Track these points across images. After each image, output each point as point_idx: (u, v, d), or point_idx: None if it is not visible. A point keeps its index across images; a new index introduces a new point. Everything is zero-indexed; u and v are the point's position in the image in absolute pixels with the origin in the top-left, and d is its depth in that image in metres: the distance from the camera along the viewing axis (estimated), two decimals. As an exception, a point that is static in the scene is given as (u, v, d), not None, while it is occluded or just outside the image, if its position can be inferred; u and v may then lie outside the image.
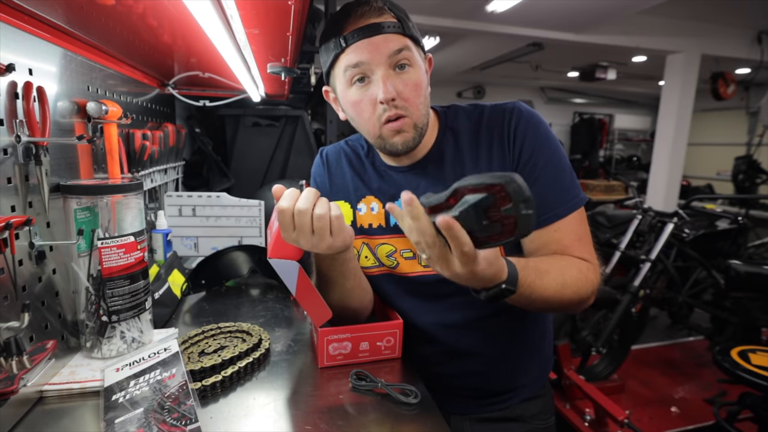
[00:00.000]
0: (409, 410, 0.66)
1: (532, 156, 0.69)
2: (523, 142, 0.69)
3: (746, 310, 2.31)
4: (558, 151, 0.70)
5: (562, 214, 0.68)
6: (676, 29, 3.87)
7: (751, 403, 1.68)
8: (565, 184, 0.69)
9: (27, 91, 0.64)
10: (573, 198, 0.69)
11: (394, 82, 0.65)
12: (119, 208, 0.73)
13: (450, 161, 0.74)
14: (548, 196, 0.68)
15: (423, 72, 0.69)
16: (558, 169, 0.69)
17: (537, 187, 0.66)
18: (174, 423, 0.55)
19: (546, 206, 0.68)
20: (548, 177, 0.68)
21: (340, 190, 0.83)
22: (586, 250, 0.69)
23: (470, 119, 0.75)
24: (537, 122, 0.71)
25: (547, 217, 0.68)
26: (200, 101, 1.63)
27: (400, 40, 0.65)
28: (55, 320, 0.72)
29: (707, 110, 6.91)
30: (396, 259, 0.78)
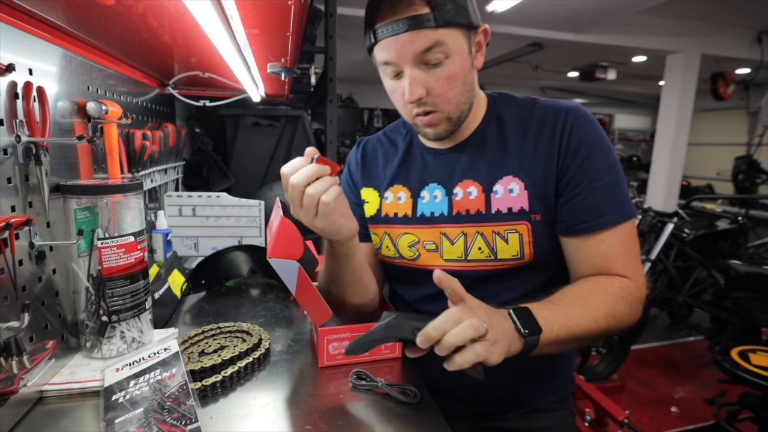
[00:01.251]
0: (409, 410, 0.66)
1: (587, 159, 0.65)
2: (579, 143, 0.66)
3: (746, 310, 2.31)
4: (613, 158, 0.67)
5: (614, 221, 0.65)
6: (676, 29, 3.87)
7: (751, 403, 1.68)
8: (618, 192, 0.65)
9: (27, 91, 0.64)
10: (625, 207, 0.65)
11: (422, 79, 0.63)
12: (119, 208, 0.73)
13: (491, 147, 0.71)
14: (601, 201, 0.65)
15: (463, 59, 0.63)
16: (612, 176, 0.66)
17: (590, 191, 0.65)
18: (174, 423, 0.55)
19: (597, 212, 0.65)
20: (603, 183, 0.65)
21: (372, 178, 0.82)
22: (630, 266, 0.65)
23: (520, 108, 0.72)
24: (594, 126, 0.68)
25: (597, 222, 0.65)
26: (200, 101, 1.63)
27: (430, 35, 0.60)
28: (55, 320, 0.72)
29: (707, 110, 6.91)
30: (418, 251, 0.76)
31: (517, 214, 0.68)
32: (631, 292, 0.64)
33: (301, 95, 2.31)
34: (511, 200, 0.68)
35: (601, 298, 0.62)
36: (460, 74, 0.64)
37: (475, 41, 0.65)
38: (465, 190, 0.71)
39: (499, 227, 0.68)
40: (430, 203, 0.74)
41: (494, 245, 0.69)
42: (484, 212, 0.69)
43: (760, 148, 5.16)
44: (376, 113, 6.33)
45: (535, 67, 5.53)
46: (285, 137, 2.01)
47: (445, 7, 0.60)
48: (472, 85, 0.67)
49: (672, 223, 2.27)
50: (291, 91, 2.00)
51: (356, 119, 5.84)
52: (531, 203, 0.67)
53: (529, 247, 0.68)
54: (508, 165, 0.69)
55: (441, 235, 0.73)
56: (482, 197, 0.69)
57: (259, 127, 1.99)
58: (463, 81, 0.64)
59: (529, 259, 0.68)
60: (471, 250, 0.70)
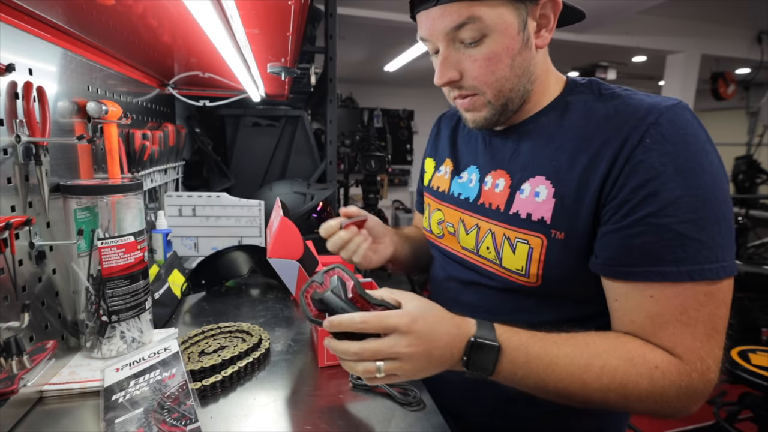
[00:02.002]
0: (409, 410, 0.66)
1: (653, 182, 0.47)
2: (649, 159, 0.47)
3: (746, 310, 2.31)
4: (706, 191, 0.46)
5: (674, 276, 0.46)
6: (676, 29, 3.87)
7: (750, 403, 1.68)
8: (696, 238, 0.46)
9: (27, 91, 0.64)
10: (703, 261, 0.46)
11: (455, 60, 0.55)
12: (119, 208, 0.73)
13: (540, 137, 0.59)
14: (659, 243, 0.47)
15: (510, 38, 0.53)
16: (692, 213, 0.46)
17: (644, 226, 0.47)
18: (174, 423, 0.55)
19: (648, 256, 0.47)
20: (670, 219, 0.46)
21: (437, 149, 0.79)
22: (688, 342, 0.47)
23: (595, 98, 0.57)
24: (688, 138, 0.48)
25: (644, 270, 0.48)
26: (200, 101, 1.63)
27: (462, 11, 0.51)
28: (55, 320, 0.72)
29: (707, 110, 6.91)
30: (443, 230, 0.71)
31: (535, 223, 0.55)
32: (674, 376, 0.46)
33: (301, 95, 2.31)
34: (534, 205, 0.56)
35: (615, 365, 0.47)
36: (504, 55, 0.53)
37: (535, 15, 0.54)
38: (494, 180, 0.62)
39: (511, 232, 0.58)
40: (464, 185, 0.68)
41: (500, 249, 0.59)
42: (503, 210, 0.59)
43: (760, 148, 5.15)
44: (376, 113, 6.33)
45: (535, 67, 5.53)
46: (285, 137, 2.02)
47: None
48: (525, 68, 0.55)
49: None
50: (291, 91, 2.00)
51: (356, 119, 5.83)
52: (555, 216, 0.54)
53: (537, 267, 0.55)
54: (544, 163, 0.56)
55: (460, 220, 0.67)
56: (506, 193, 0.59)
57: (259, 127, 1.99)
58: (509, 63, 0.54)
59: (536, 282, 0.56)
60: (481, 245, 0.62)
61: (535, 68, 0.57)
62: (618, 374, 0.47)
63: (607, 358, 0.48)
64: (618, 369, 0.47)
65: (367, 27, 3.26)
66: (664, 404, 0.47)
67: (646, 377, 0.46)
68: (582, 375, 0.47)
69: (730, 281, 0.47)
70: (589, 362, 0.47)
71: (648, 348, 0.48)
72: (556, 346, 0.49)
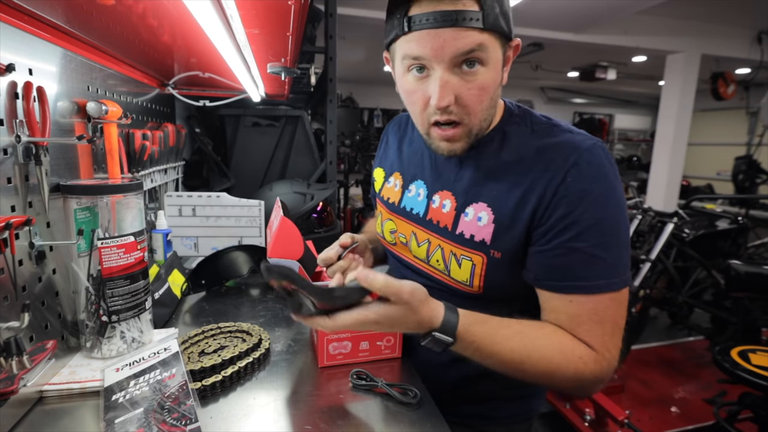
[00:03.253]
0: (409, 410, 0.66)
1: (573, 213, 0.57)
2: (570, 192, 0.57)
3: (746, 310, 2.31)
4: (614, 219, 0.57)
5: (587, 289, 0.57)
6: (676, 29, 3.87)
7: (751, 403, 1.68)
8: (603, 258, 0.57)
9: (27, 91, 0.64)
10: (609, 277, 0.57)
11: (455, 85, 0.56)
12: (119, 208, 0.73)
13: (482, 165, 0.65)
14: (575, 264, 0.57)
15: (496, 70, 0.57)
16: (601, 238, 0.57)
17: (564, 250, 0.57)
18: (174, 423, 0.55)
19: (565, 274, 0.58)
20: (585, 245, 0.56)
21: (385, 159, 0.85)
22: (599, 337, 0.57)
23: (530, 132, 0.64)
24: (601, 176, 0.57)
25: (563, 285, 0.59)
26: (200, 101, 1.63)
27: (476, 37, 0.53)
28: (55, 320, 0.72)
29: (707, 110, 6.91)
30: (395, 239, 0.79)
31: (477, 244, 0.64)
32: (591, 365, 0.57)
33: (301, 95, 2.31)
34: (476, 228, 0.64)
35: (550, 355, 0.57)
36: (491, 86, 0.58)
37: (506, 54, 0.59)
38: (441, 200, 0.69)
39: (457, 249, 0.66)
40: (413, 199, 0.74)
41: (449, 263, 0.68)
42: (450, 229, 0.67)
43: (760, 148, 5.16)
44: (376, 113, 6.33)
45: (535, 67, 5.52)
46: (285, 137, 2.02)
47: (494, 9, 0.53)
48: (496, 101, 0.62)
49: (672, 223, 2.27)
50: (291, 91, 2.01)
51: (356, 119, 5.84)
52: (494, 238, 0.62)
53: (479, 280, 0.64)
54: (486, 191, 0.64)
55: (412, 233, 0.74)
56: (452, 214, 0.67)
57: (259, 127, 1.99)
58: (492, 94, 0.59)
59: (477, 291, 0.66)
60: (431, 257, 0.71)
61: (498, 101, 0.64)
62: (552, 363, 0.57)
63: (543, 350, 0.57)
64: (553, 359, 0.57)
65: (367, 27, 3.26)
66: (582, 387, 0.59)
67: (572, 366, 0.57)
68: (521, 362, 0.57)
69: (627, 290, 0.59)
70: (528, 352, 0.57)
71: (576, 342, 0.58)
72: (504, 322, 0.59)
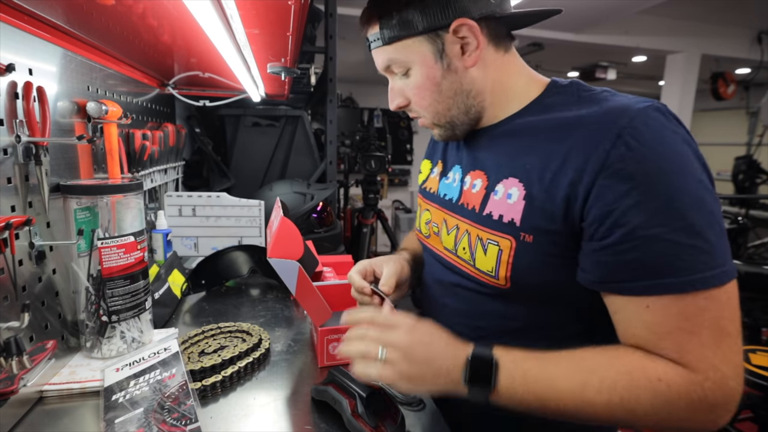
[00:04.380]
0: (409, 410, 0.66)
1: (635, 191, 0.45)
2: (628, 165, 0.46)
3: (747, 310, 2.31)
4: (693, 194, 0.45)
5: (671, 288, 0.44)
6: (676, 29, 3.87)
7: (751, 403, 1.67)
8: (691, 245, 0.44)
9: (27, 91, 0.64)
10: (701, 269, 0.44)
11: (399, 89, 0.62)
12: (119, 208, 0.73)
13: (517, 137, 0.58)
14: (652, 257, 0.45)
15: (427, 68, 0.57)
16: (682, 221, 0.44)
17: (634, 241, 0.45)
18: (174, 423, 0.55)
19: (640, 271, 0.46)
20: (662, 230, 0.44)
21: (434, 151, 0.78)
22: (694, 350, 0.44)
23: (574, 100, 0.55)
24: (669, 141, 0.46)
25: (635, 286, 0.46)
26: (200, 101, 1.63)
27: (383, 54, 0.59)
28: (55, 320, 0.71)
29: (707, 110, 6.91)
30: (429, 230, 0.71)
31: (506, 225, 0.55)
32: (681, 387, 0.44)
33: (301, 95, 2.31)
34: (506, 207, 0.55)
35: (614, 379, 0.45)
36: (428, 83, 0.58)
37: (452, 40, 0.56)
38: (473, 180, 0.62)
39: (483, 233, 0.57)
40: (449, 185, 0.68)
41: (474, 250, 0.59)
42: (478, 211, 0.59)
43: (761, 148, 5.15)
44: (376, 113, 6.32)
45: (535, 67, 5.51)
46: (285, 137, 2.02)
47: (391, 21, 0.56)
48: (457, 89, 0.59)
49: (672, 223, 2.26)
50: (291, 91, 2.00)
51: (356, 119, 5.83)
52: (524, 218, 0.53)
53: (506, 269, 0.54)
54: (518, 165, 0.56)
55: (443, 220, 0.67)
56: (482, 193, 0.59)
57: (259, 127, 1.99)
58: (435, 90, 0.58)
59: (504, 285, 0.55)
60: (458, 246, 0.62)
61: (473, 85, 0.59)
62: (618, 388, 0.45)
63: (604, 373, 0.46)
64: (617, 383, 0.45)
65: (367, 27, 3.26)
66: (677, 418, 0.45)
67: (648, 390, 0.44)
68: (582, 391, 0.46)
69: (733, 283, 0.45)
70: (586, 378, 0.46)
71: (649, 360, 0.46)
72: (552, 363, 0.48)
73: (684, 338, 0.44)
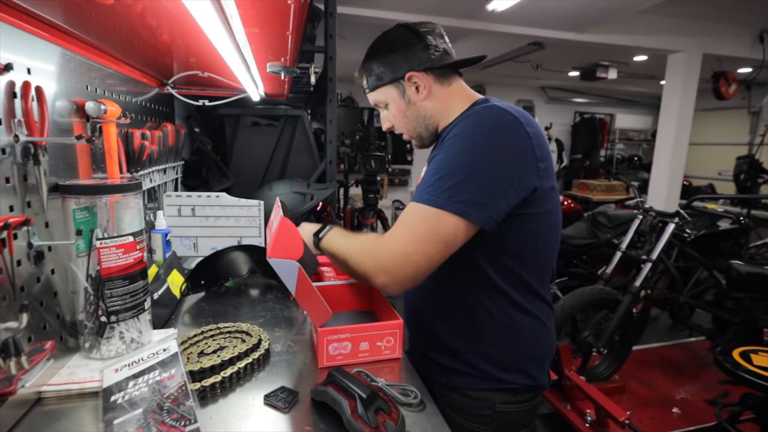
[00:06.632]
0: (409, 410, 0.65)
1: (443, 147, 0.75)
2: (450, 134, 0.75)
3: (748, 310, 2.31)
4: (457, 156, 0.71)
5: (414, 199, 0.74)
6: (678, 28, 3.86)
7: (752, 404, 1.67)
8: (434, 181, 0.71)
9: (25, 91, 0.64)
10: (424, 193, 0.71)
11: (386, 117, 0.90)
12: (118, 208, 0.73)
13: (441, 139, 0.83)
14: (423, 182, 0.75)
15: (397, 103, 0.85)
16: (442, 165, 0.72)
17: (427, 173, 0.76)
18: (173, 424, 0.55)
19: (418, 188, 0.76)
20: (430, 168, 0.75)
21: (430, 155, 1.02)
22: (392, 231, 0.73)
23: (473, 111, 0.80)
24: (474, 123, 0.73)
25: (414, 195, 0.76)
26: (199, 101, 1.63)
27: (371, 96, 0.88)
28: (53, 321, 0.71)
29: (709, 110, 6.89)
30: None
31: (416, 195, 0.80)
32: (372, 242, 0.74)
33: (300, 95, 2.31)
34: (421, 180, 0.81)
35: (358, 242, 0.77)
36: (399, 114, 0.86)
37: (408, 85, 0.82)
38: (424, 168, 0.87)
39: None
40: None
41: None
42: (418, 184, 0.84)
43: (762, 148, 5.14)
44: (376, 113, 6.32)
45: (535, 67, 5.51)
46: (285, 137, 2.01)
47: (371, 77, 0.85)
48: (417, 115, 0.85)
49: (673, 223, 2.26)
50: (291, 90, 2.00)
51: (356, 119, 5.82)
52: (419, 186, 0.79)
53: None
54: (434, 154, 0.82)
55: None
56: (421, 176, 0.84)
57: (259, 126, 1.99)
58: (403, 117, 0.86)
59: None
60: None
61: (428, 111, 0.84)
62: (354, 251, 0.75)
63: (357, 242, 0.77)
64: (354, 249, 0.76)
65: (367, 26, 3.26)
66: (364, 270, 0.73)
67: (357, 248, 0.75)
68: (348, 249, 0.77)
69: (435, 210, 0.69)
70: (353, 243, 0.77)
71: (372, 237, 0.76)
72: (343, 238, 0.80)
73: (399, 225, 0.72)
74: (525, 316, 0.79)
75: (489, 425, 0.80)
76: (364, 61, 0.86)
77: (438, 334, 0.83)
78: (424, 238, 0.69)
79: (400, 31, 0.83)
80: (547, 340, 0.83)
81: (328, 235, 0.83)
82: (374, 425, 0.58)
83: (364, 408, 0.59)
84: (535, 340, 0.81)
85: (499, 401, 0.79)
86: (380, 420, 0.59)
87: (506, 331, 0.78)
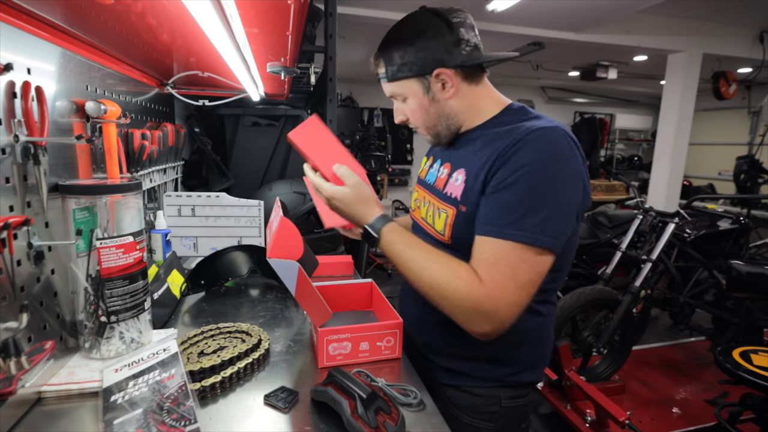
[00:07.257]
0: (409, 410, 0.65)
1: (512, 171, 0.66)
2: (515, 157, 0.67)
3: (748, 310, 2.31)
4: (542, 183, 0.65)
5: (488, 233, 0.66)
6: (678, 28, 3.86)
7: (752, 404, 1.67)
8: (519, 213, 0.64)
9: (25, 91, 0.64)
10: (514, 229, 0.64)
11: (400, 110, 0.82)
12: (118, 208, 0.73)
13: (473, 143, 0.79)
14: (496, 209, 0.67)
15: (419, 99, 0.77)
16: (525, 194, 0.65)
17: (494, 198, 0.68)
18: (173, 424, 0.55)
19: (486, 219, 0.68)
20: (509, 193, 0.66)
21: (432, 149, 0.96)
22: (491, 276, 0.64)
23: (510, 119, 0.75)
24: (545, 151, 0.67)
25: (480, 228, 0.68)
26: (199, 101, 1.63)
27: (387, 87, 0.80)
28: (53, 321, 0.71)
29: (709, 110, 6.89)
30: (415, 205, 0.93)
31: (452, 199, 0.77)
32: (474, 293, 0.64)
33: (300, 95, 2.31)
34: (455, 188, 0.77)
35: (443, 267, 0.68)
36: (419, 110, 0.79)
37: (434, 81, 0.75)
38: (442, 169, 0.85)
39: (440, 204, 0.80)
40: (433, 173, 0.88)
41: (434, 216, 0.82)
42: (441, 190, 0.81)
43: (762, 148, 5.14)
44: (376, 113, 6.32)
45: (535, 67, 5.51)
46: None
47: (393, 66, 0.76)
48: (441, 114, 0.79)
49: (673, 223, 2.26)
50: (291, 90, 2.00)
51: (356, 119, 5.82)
52: (463, 195, 0.75)
53: (449, 230, 0.76)
54: (467, 159, 0.78)
55: (424, 197, 0.88)
56: (446, 179, 0.81)
57: (259, 126, 1.99)
58: (424, 113, 0.79)
59: (447, 241, 0.77)
60: (427, 213, 0.85)
61: (452, 110, 0.78)
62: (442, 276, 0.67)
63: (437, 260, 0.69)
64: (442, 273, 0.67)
65: (367, 26, 3.26)
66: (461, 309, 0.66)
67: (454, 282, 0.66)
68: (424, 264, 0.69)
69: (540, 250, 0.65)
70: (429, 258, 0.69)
71: (468, 267, 0.67)
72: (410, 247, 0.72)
73: (490, 269, 0.65)
74: (535, 317, 0.78)
75: (495, 422, 0.80)
76: (383, 45, 0.77)
77: (443, 339, 0.81)
78: (529, 281, 0.65)
79: (429, 17, 0.74)
80: (550, 338, 0.84)
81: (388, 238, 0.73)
82: (374, 425, 0.58)
83: (364, 408, 0.59)
84: (542, 340, 0.81)
85: (505, 397, 0.80)
86: (380, 420, 0.59)
87: (516, 335, 0.75)
